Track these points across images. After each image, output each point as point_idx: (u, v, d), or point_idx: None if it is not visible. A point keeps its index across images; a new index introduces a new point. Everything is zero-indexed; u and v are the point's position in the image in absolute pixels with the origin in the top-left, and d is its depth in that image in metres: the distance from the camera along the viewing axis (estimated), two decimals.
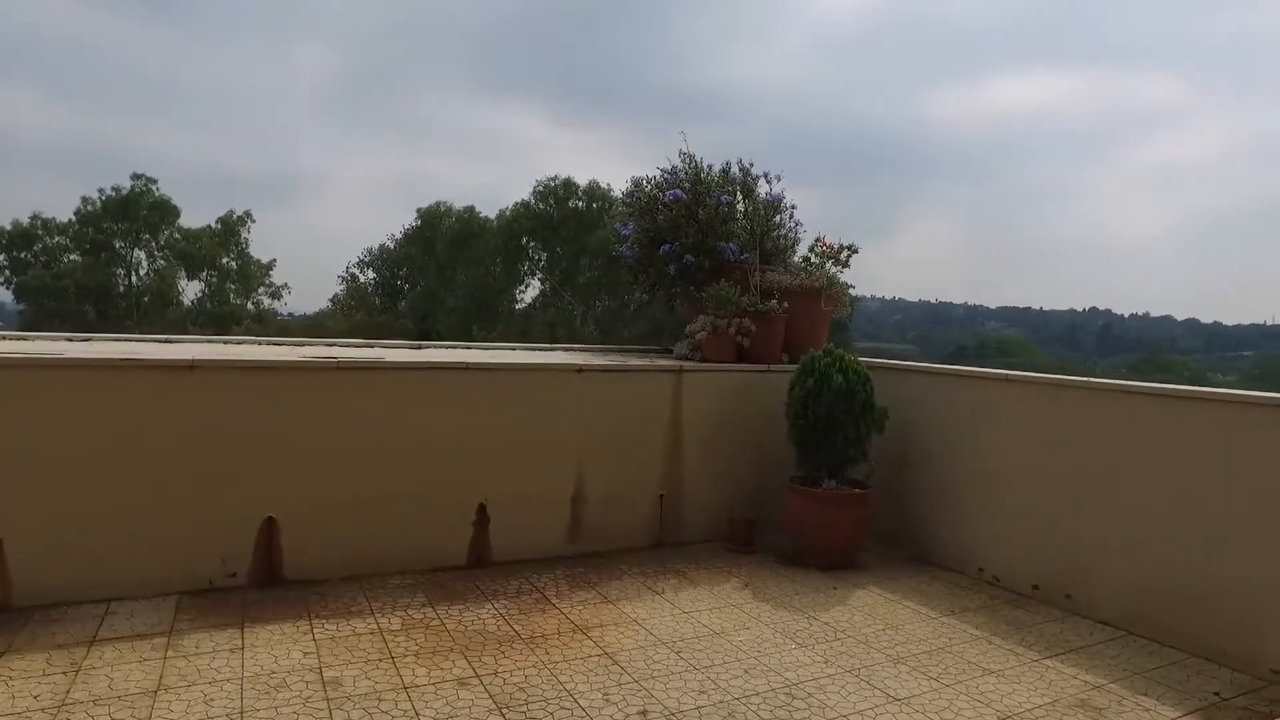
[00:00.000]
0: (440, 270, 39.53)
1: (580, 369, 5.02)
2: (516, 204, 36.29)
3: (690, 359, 5.70)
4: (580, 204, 32.53)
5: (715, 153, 6.28)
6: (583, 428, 5.03)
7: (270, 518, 4.22)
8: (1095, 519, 4.33)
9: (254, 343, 5.51)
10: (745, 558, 5.24)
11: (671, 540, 5.41)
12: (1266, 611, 3.69)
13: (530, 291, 38.71)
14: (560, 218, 33.98)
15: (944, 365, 5.29)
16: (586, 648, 3.68)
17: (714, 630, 3.96)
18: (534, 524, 4.92)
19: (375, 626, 3.80)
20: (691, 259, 5.77)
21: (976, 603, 4.56)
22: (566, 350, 6.20)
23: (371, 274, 44.07)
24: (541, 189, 35.08)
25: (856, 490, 5.01)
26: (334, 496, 4.36)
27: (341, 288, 43.43)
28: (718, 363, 5.58)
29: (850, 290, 6.04)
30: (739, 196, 6.11)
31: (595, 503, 5.11)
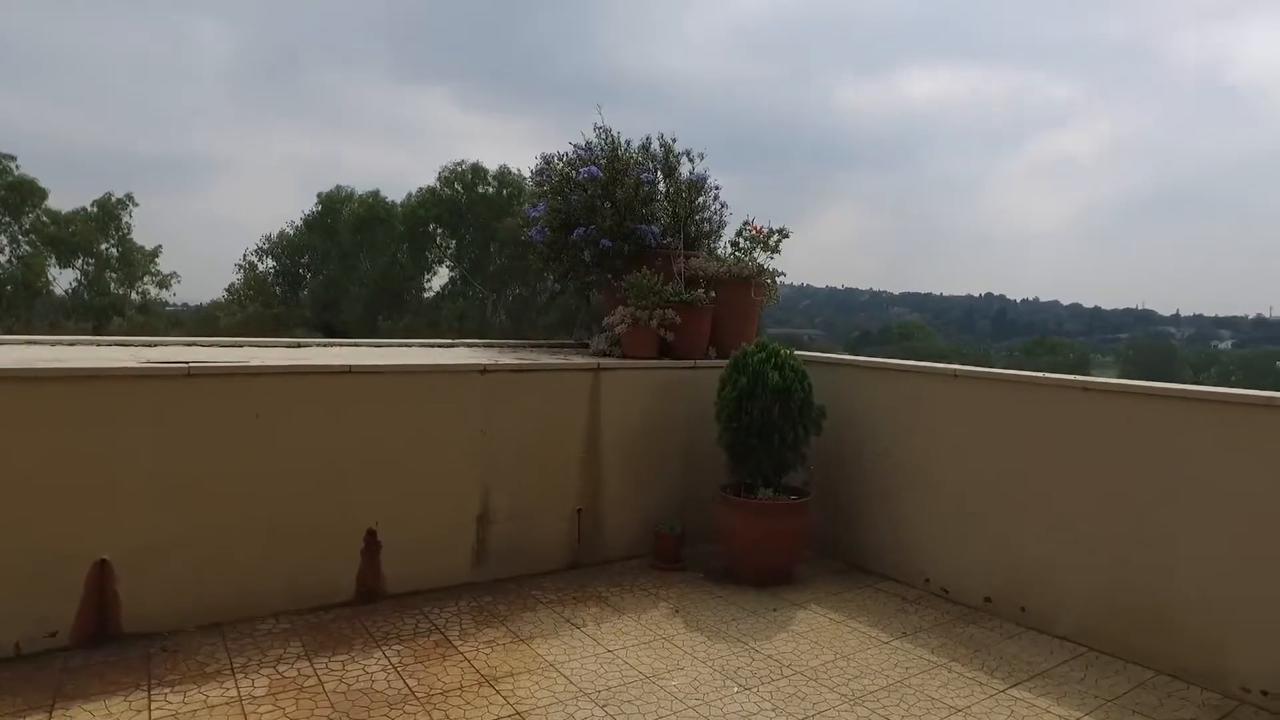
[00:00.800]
0: (343, 258, 37.71)
1: (484, 369, 4.40)
2: (422, 189, 34.89)
3: (609, 354, 5.14)
4: (490, 189, 31.34)
5: (633, 136, 5.74)
6: (488, 436, 4.41)
7: (102, 560, 3.46)
8: (1049, 526, 3.99)
9: (90, 344, 4.66)
10: (674, 576, 4.73)
11: (592, 559, 4.86)
12: (1228, 625, 3.39)
13: (439, 279, 37.36)
14: (469, 203, 32.75)
15: (885, 360, 4.89)
16: (495, 706, 3.09)
17: (644, 674, 3.43)
18: (433, 549, 4.29)
19: (234, 693, 3.11)
20: (608, 244, 5.20)
21: (928, 620, 4.17)
22: (470, 347, 5.55)
23: (271, 262, 41.73)
24: (448, 174, 33.77)
25: (794, 500, 4.56)
26: (186, 530, 3.63)
27: (238, 277, 40.99)
28: (639, 358, 5.04)
29: (781, 277, 5.59)
30: (660, 176, 5.57)
31: (504, 521, 4.51)
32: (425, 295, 35.55)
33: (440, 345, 5.54)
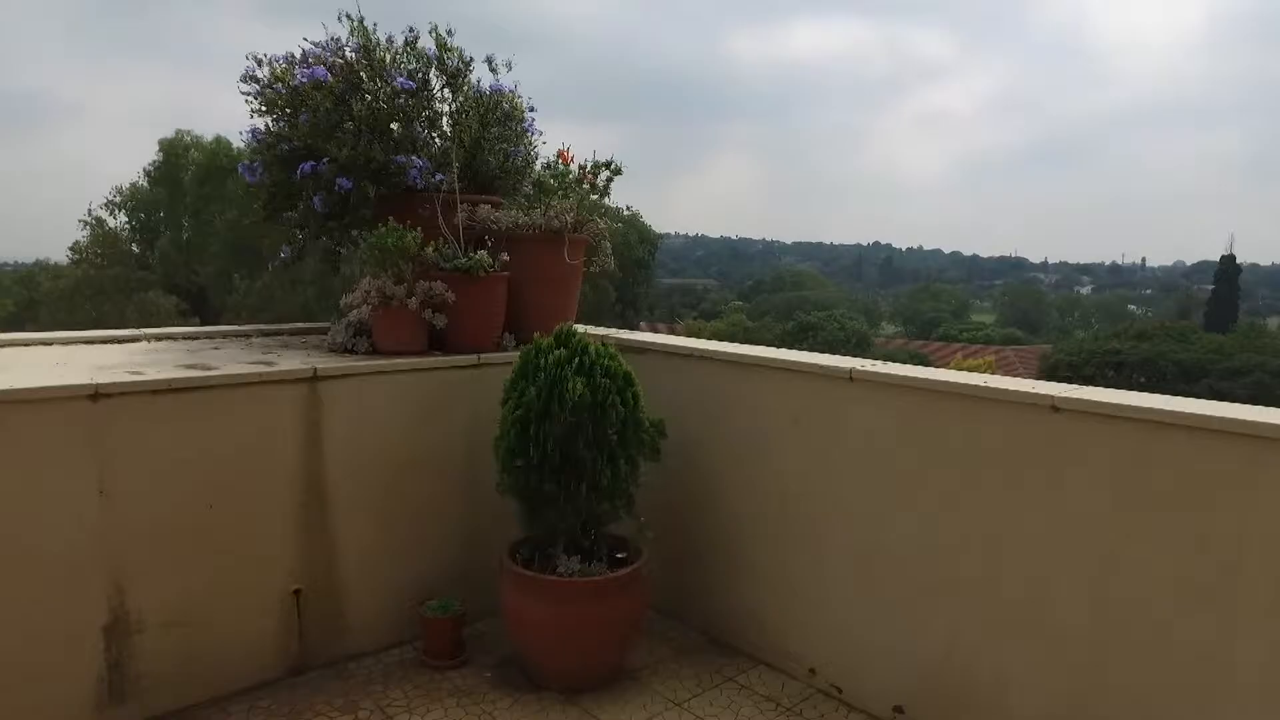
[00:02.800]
0: (196, 213, 33.94)
1: (96, 393, 2.65)
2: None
3: (353, 349, 3.45)
4: None
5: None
6: (114, 500, 2.70)
7: None
8: (1000, 615, 2.61)
9: None
10: (448, 678, 3.18)
11: (325, 658, 3.23)
12: None
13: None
14: None
15: (753, 352, 3.37)
16: None
17: None
18: (22, 690, 2.58)
19: None
20: (346, 183, 3.46)
21: None
22: (151, 342, 3.75)
23: (124, 217, 37.12)
24: None
25: (616, 573, 3.04)
26: None
27: (84, 233, 36.24)
28: (395, 354, 3.38)
29: (619, 226, 4.00)
30: (436, 84, 3.84)
31: (159, 628, 2.83)
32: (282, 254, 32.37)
33: (106, 340, 3.70)
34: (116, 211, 37.06)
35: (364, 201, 3.55)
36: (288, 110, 3.64)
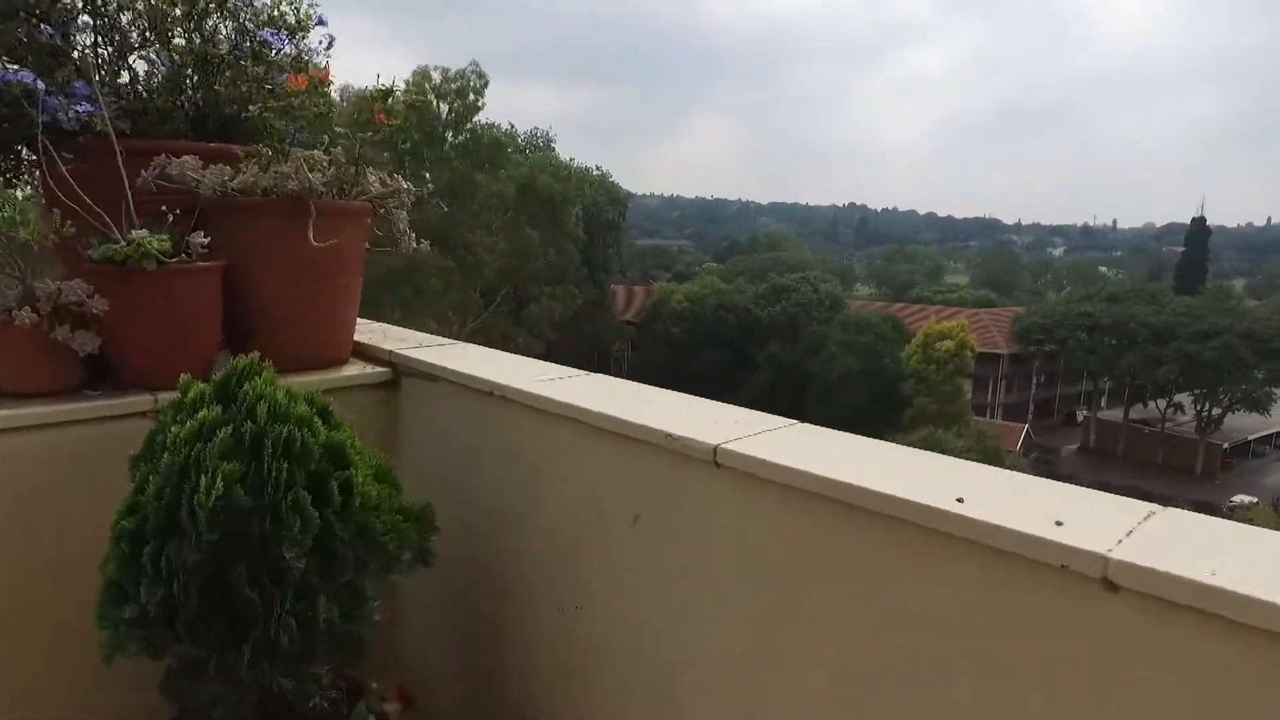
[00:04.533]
0: None
1: None
2: None
3: None
4: None
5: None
6: None
7: None
8: None
9: None
10: None
11: None
12: None
13: None
14: None
15: (578, 402, 2.10)
16: None
17: None
18: None
19: None
20: None
21: None
22: None
23: None
24: None
25: None
26: None
27: None
28: (14, 395, 2.10)
29: (414, 196, 2.71)
30: None
31: None
32: None
33: None
34: None
35: None
36: None
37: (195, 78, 2.52)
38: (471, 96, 21.79)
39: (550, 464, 2.08)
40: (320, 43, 2.78)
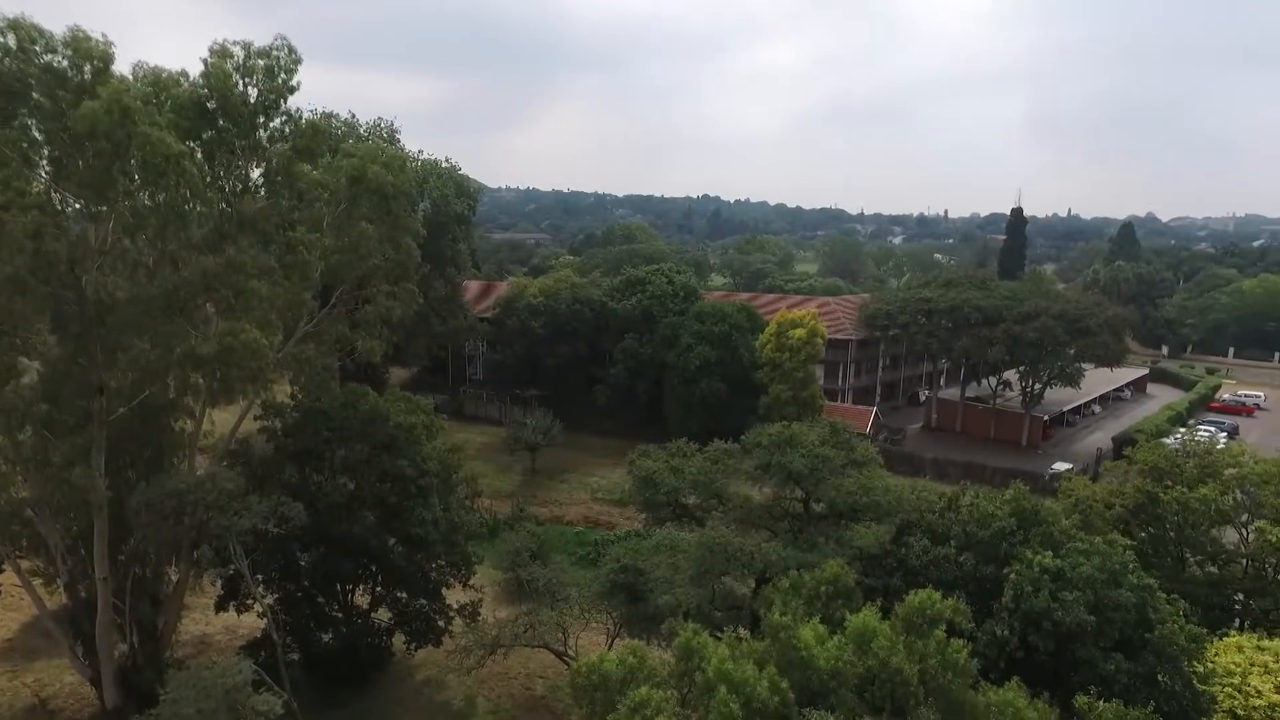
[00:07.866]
0: None
1: None
2: None
3: None
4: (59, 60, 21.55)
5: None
6: None
7: None
8: None
9: None
10: None
11: None
12: None
13: None
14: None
15: None
16: None
17: None
18: None
19: None
20: None
21: None
22: None
23: None
24: None
25: None
26: None
27: None
28: None
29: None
30: None
31: None
32: None
33: None
34: None
35: None
36: None
37: None
38: (282, 77, 19.47)
39: None
40: None
